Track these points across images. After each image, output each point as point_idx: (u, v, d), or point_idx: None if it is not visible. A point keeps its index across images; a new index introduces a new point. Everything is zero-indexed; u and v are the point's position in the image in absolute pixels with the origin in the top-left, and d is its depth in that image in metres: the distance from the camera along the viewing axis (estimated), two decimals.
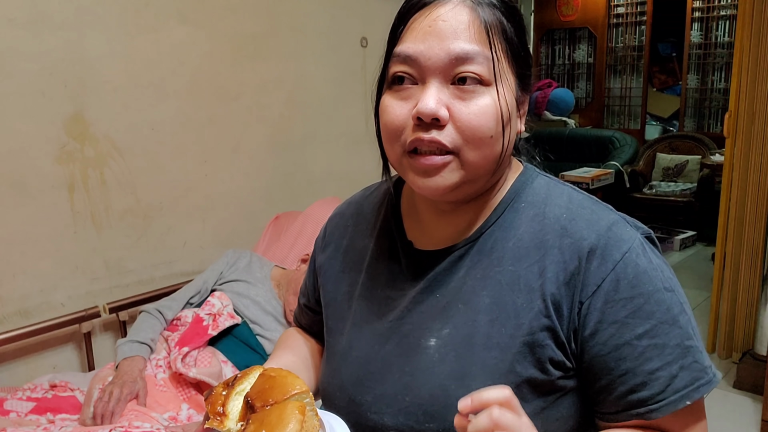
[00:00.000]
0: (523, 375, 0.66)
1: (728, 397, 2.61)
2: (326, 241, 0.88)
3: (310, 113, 2.64)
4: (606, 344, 0.65)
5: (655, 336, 0.64)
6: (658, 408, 0.64)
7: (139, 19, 2.03)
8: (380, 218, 0.82)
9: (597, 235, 0.67)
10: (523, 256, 0.68)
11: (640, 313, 0.64)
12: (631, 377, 0.64)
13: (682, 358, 0.65)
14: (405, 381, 0.70)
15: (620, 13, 5.90)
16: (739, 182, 2.66)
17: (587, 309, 0.65)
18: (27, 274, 1.88)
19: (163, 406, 1.63)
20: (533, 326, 0.66)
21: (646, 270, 0.65)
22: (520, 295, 0.67)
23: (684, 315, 0.66)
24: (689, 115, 5.67)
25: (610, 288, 0.65)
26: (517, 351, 0.66)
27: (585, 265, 0.66)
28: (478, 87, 0.64)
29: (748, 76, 2.56)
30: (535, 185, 0.74)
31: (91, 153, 1.97)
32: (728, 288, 2.77)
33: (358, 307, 0.78)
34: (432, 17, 0.64)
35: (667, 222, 5.09)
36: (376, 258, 0.79)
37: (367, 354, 0.74)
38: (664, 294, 0.65)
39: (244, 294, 1.93)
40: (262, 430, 0.57)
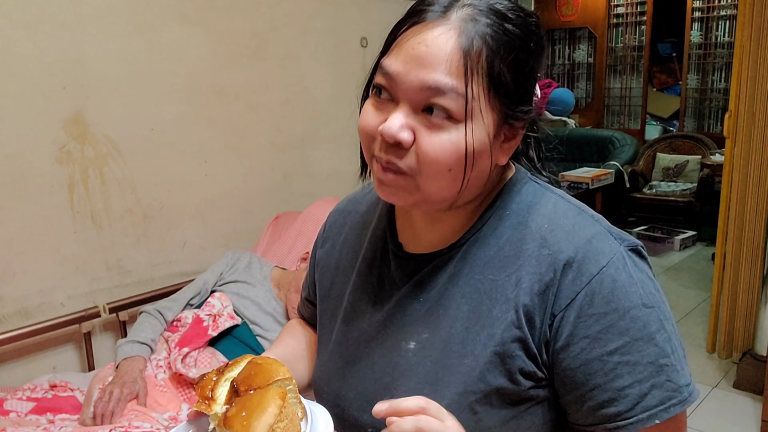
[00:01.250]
0: (493, 384, 0.66)
1: (728, 397, 2.61)
2: (325, 236, 0.90)
3: (310, 113, 2.64)
4: (576, 358, 0.64)
5: (628, 353, 0.63)
6: (625, 425, 0.64)
7: (139, 19, 2.03)
8: (375, 218, 0.83)
9: (575, 247, 0.66)
10: (503, 266, 0.68)
11: (613, 329, 0.64)
12: (600, 393, 0.64)
13: (655, 377, 0.64)
14: (385, 381, 0.71)
15: (620, 13, 5.91)
16: (739, 182, 2.66)
17: (559, 322, 0.65)
18: (27, 274, 1.88)
19: (163, 407, 1.63)
20: (504, 337, 0.66)
21: (623, 285, 0.64)
22: (496, 305, 0.67)
23: (662, 332, 0.65)
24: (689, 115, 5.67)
25: (584, 302, 0.64)
26: (488, 360, 0.66)
27: (560, 278, 0.65)
28: (445, 122, 0.62)
29: (748, 76, 2.56)
30: (523, 192, 0.72)
31: (91, 153, 1.97)
32: (728, 288, 2.77)
33: (348, 305, 0.80)
34: (417, 39, 0.62)
35: (667, 222, 5.09)
36: (369, 258, 0.80)
37: (353, 351, 0.76)
38: (641, 310, 0.64)
39: (243, 295, 1.93)
40: (242, 412, 0.59)
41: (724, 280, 2.79)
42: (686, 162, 5.16)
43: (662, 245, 4.79)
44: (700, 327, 3.27)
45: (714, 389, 2.67)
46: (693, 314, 3.49)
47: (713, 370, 2.84)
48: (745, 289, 2.71)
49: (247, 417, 0.59)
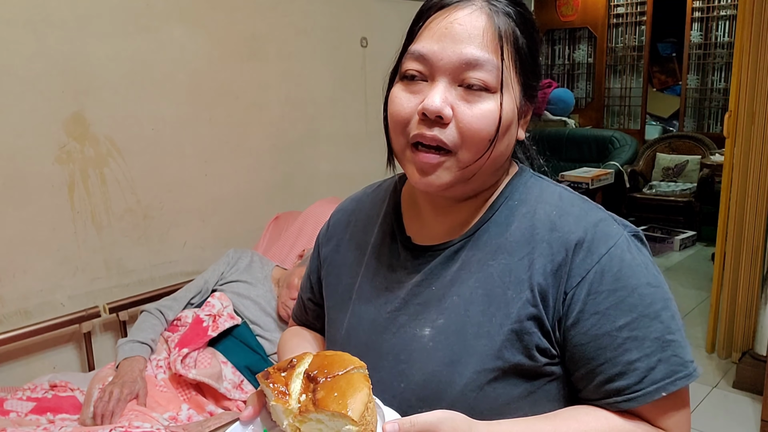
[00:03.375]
0: (511, 361, 0.69)
1: (728, 397, 2.61)
2: (329, 235, 0.91)
3: (310, 113, 2.64)
4: (587, 334, 0.67)
5: (636, 328, 0.67)
6: (635, 398, 0.67)
7: (139, 19, 2.03)
8: (381, 214, 0.85)
9: (584, 229, 0.69)
10: (515, 250, 0.71)
11: (622, 306, 0.67)
12: (610, 367, 0.67)
13: (662, 351, 0.67)
14: (400, 368, 0.73)
15: (620, 13, 5.90)
16: (739, 182, 2.66)
17: (571, 299, 0.68)
18: (27, 274, 1.88)
19: (163, 407, 1.63)
20: (521, 315, 0.69)
21: (630, 265, 0.68)
22: (511, 287, 0.70)
23: (667, 311, 0.68)
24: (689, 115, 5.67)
25: (594, 279, 0.67)
26: (505, 338, 0.69)
27: (571, 257, 0.68)
28: (483, 93, 0.67)
29: (748, 76, 2.56)
30: (528, 185, 0.77)
31: (91, 153, 1.97)
32: (728, 288, 2.77)
33: (358, 299, 0.81)
34: (449, 19, 0.67)
35: (667, 222, 5.09)
36: (377, 252, 0.82)
37: (365, 343, 0.77)
38: (647, 289, 0.68)
39: (244, 294, 1.93)
40: (334, 393, 0.62)
41: (724, 280, 2.79)
42: (686, 162, 5.16)
43: (662, 245, 4.79)
44: (699, 327, 3.27)
45: (714, 389, 2.67)
46: (693, 314, 3.49)
47: (713, 370, 2.84)
48: (745, 289, 2.71)
49: (340, 396, 0.61)
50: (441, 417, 0.62)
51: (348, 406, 0.60)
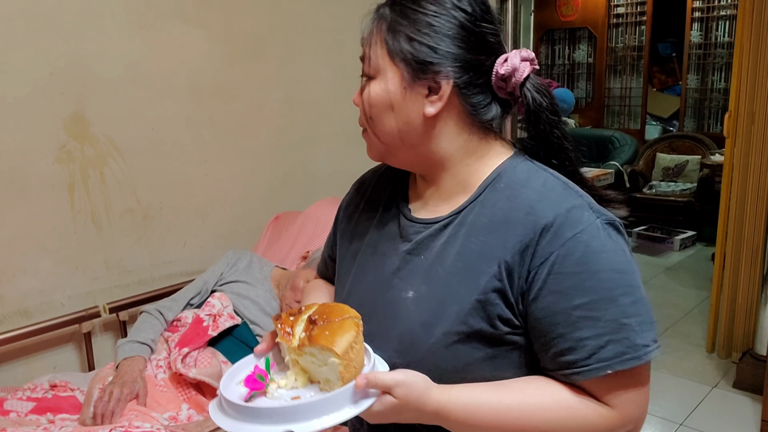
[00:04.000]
0: (474, 327, 0.76)
1: (728, 396, 2.61)
2: (349, 200, 1.02)
3: (310, 113, 2.64)
4: (544, 309, 0.73)
5: (591, 309, 0.72)
6: (581, 372, 0.72)
7: (139, 19, 2.04)
8: (392, 186, 0.95)
9: (555, 214, 0.74)
10: (493, 230, 0.78)
11: (581, 287, 0.72)
12: (562, 341, 0.73)
13: (613, 334, 0.71)
14: (385, 324, 0.82)
15: (620, 13, 5.91)
16: (739, 182, 2.66)
17: (533, 277, 0.74)
18: (27, 274, 1.88)
19: (163, 406, 1.63)
20: (487, 287, 0.76)
21: (595, 251, 0.73)
22: (484, 261, 0.77)
23: (627, 297, 0.72)
24: (689, 115, 5.67)
25: (556, 261, 0.73)
26: (471, 307, 0.76)
27: (538, 239, 0.74)
28: (369, 81, 0.82)
29: (748, 76, 2.56)
30: (517, 169, 0.82)
31: (91, 153, 1.97)
32: (728, 288, 2.77)
33: (360, 262, 0.91)
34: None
35: (667, 222, 5.09)
36: (383, 220, 0.92)
37: (361, 301, 0.86)
38: (610, 274, 0.72)
39: (244, 295, 1.93)
40: (326, 332, 0.73)
41: (724, 280, 2.79)
42: (686, 162, 5.16)
43: (662, 245, 4.79)
44: (699, 327, 3.27)
45: (713, 389, 2.68)
46: (693, 314, 3.49)
47: (713, 369, 2.84)
48: (745, 289, 2.71)
49: (330, 335, 0.72)
50: (398, 380, 0.71)
51: (335, 342, 0.71)
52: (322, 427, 0.68)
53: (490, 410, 0.73)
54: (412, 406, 0.71)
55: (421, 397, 0.71)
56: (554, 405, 0.74)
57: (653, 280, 4.04)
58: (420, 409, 0.72)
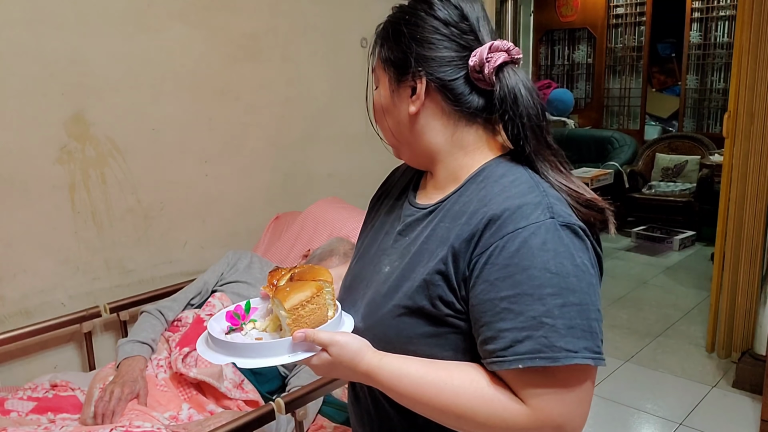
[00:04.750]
0: (418, 303, 0.82)
1: (727, 396, 2.62)
2: (381, 188, 1.11)
3: (310, 113, 2.65)
4: (476, 297, 0.78)
5: (515, 303, 0.74)
6: (497, 362, 0.75)
7: (139, 19, 2.04)
8: (408, 179, 1.03)
9: (503, 208, 0.78)
10: (457, 217, 0.84)
11: (509, 280, 0.74)
12: (486, 330, 0.76)
13: (532, 330, 0.73)
14: (362, 292, 0.93)
15: (620, 14, 5.91)
16: (738, 182, 2.66)
17: (474, 265, 0.78)
18: (28, 274, 1.88)
19: (164, 406, 1.63)
20: (432, 269, 0.81)
21: (531, 248, 0.74)
22: (439, 245, 0.83)
23: (557, 298, 0.73)
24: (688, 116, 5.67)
25: (493, 252, 0.76)
26: (418, 284, 0.82)
27: (482, 230, 0.78)
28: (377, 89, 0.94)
29: (748, 76, 2.57)
30: (500, 167, 0.87)
31: (91, 153, 1.97)
32: (727, 288, 2.78)
33: (366, 241, 1.02)
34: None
35: (666, 222, 5.09)
36: (392, 207, 1.00)
37: (358, 273, 0.98)
38: (542, 272, 0.73)
39: (244, 295, 1.94)
40: (287, 288, 0.84)
41: (724, 280, 2.79)
42: (685, 162, 5.17)
43: (661, 245, 4.80)
44: (699, 327, 3.28)
45: (713, 389, 2.68)
46: (692, 314, 3.49)
47: (712, 369, 2.85)
48: (745, 289, 2.72)
49: (290, 291, 0.83)
50: (334, 340, 0.80)
51: (288, 298, 0.82)
52: (256, 366, 0.81)
53: (411, 382, 0.79)
54: (345, 365, 0.80)
55: (354, 359, 0.80)
56: (469, 391, 0.77)
57: (653, 280, 4.04)
58: (352, 369, 0.81)
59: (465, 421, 0.77)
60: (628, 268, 4.24)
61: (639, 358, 2.99)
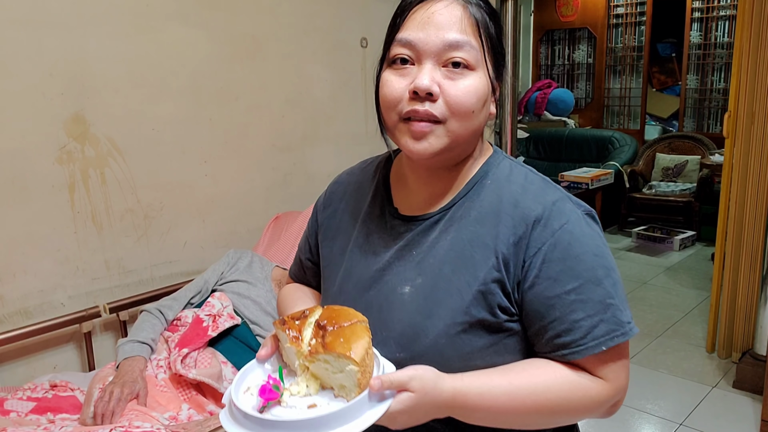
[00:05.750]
0: (477, 316, 0.80)
1: (728, 396, 2.61)
2: (326, 203, 1.03)
3: (310, 113, 2.64)
4: (540, 295, 0.79)
5: (581, 292, 0.78)
6: (579, 351, 0.78)
7: (139, 19, 2.04)
8: (373, 186, 0.97)
9: (543, 207, 0.81)
10: (484, 222, 0.83)
11: (570, 272, 0.78)
12: (558, 324, 0.78)
13: (603, 313, 0.78)
14: (382, 318, 0.85)
15: (620, 14, 5.91)
16: (738, 182, 2.66)
17: (529, 266, 0.80)
18: (27, 274, 1.88)
19: (164, 406, 1.63)
20: (486, 278, 0.80)
21: (579, 238, 0.80)
22: (478, 251, 0.82)
23: (609, 278, 0.79)
24: (689, 116, 5.67)
25: (548, 250, 0.79)
26: (473, 297, 0.80)
27: (531, 230, 0.80)
28: (465, 70, 0.79)
29: (748, 76, 2.56)
30: (500, 166, 0.89)
31: (91, 153, 1.97)
32: (728, 288, 2.77)
33: (349, 260, 0.93)
34: (431, 10, 0.80)
35: (666, 222, 5.09)
36: (368, 219, 0.94)
37: (353, 298, 0.89)
38: (592, 258, 0.79)
39: (244, 294, 1.93)
40: (340, 339, 0.73)
41: (724, 280, 2.79)
42: (686, 162, 5.16)
43: (662, 245, 4.79)
44: (699, 327, 3.28)
45: (713, 389, 2.68)
46: (692, 314, 3.49)
47: (713, 369, 2.84)
48: (745, 289, 2.72)
49: (345, 342, 0.73)
50: (412, 375, 0.72)
51: (352, 349, 0.72)
52: None
53: (502, 392, 0.77)
54: (429, 397, 0.73)
55: (436, 386, 0.73)
56: (558, 381, 0.79)
57: (653, 280, 4.04)
58: (436, 398, 0.73)
59: (559, 414, 0.80)
60: (628, 268, 4.24)
61: (639, 359, 2.99)
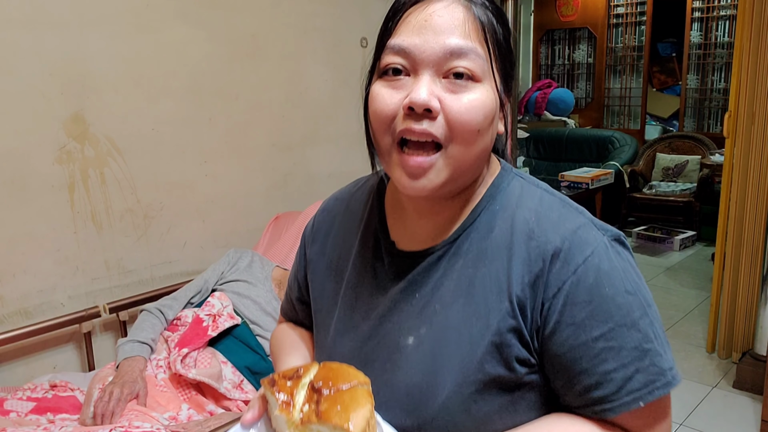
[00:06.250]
0: (492, 373, 0.68)
1: (728, 397, 2.61)
2: (314, 236, 0.90)
3: (310, 113, 2.64)
4: (563, 344, 0.67)
5: (612, 338, 0.66)
6: (612, 408, 0.66)
7: (139, 19, 2.04)
8: (365, 215, 0.84)
9: (561, 238, 0.68)
10: (494, 258, 0.70)
11: (597, 316, 0.66)
12: (587, 377, 0.66)
13: (639, 361, 0.66)
14: (385, 378, 0.73)
15: (620, 14, 5.91)
16: (739, 182, 2.66)
17: (548, 309, 0.67)
18: (27, 274, 1.88)
19: (164, 406, 1.63)
20: (500, 327, 0.68)
21: (607, 273, 0.67)
22: (490, 296, 0.69)
23: (645, 318, 0.67)
24: (689, 115, 5.67)
25: (570, 290, 0.66)
26: (486, 350, 0.68)
27: (548, 267, 0.67)
28: (469, 82, 0.66)
29: (748, 76, 2.56)
30: (510, 187, 0.75)
31: (91, 153, 1.97)
32: (728, 288, 2.77)
33: (343, 305, 0.81)
34: (428, 12, 0.67)
35: (667, 222, 5.09)
36: (361, 256, 0.81)
37: (350, 351, 0.77)
38: (624, 297, 0.66)
39: (244, 294, 1.93)
40: (337, 406, 0.63)
41: (724, 280, 2.79)
42: (686, 162, 5.16)
43: (662, 245, 4.79)
44: (699, 327, 3.27)
45: (714, 389, 2.68)
46: (693, 314, 3.49)
47: (713, 370, 2.84)
48: (745, 289, 2.71)
49: (343, 410, 0.62)
50: None
51: (350, 420, 0.62)
52: None
53: None
54: None
55: None
56: None
57: (653, 280, 4.04)
58: None
59: None
60: None
61: None
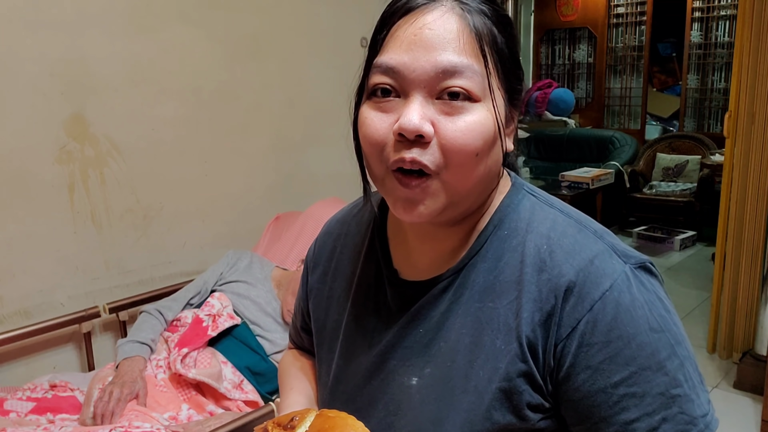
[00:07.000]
0: (500, 422, 0.62)
1: (728, 397, 2.61)
2: (315, 261, 0.85)
3: (310, 113, 2.64)
4: (578, 390, 0.60)
5: (634, 384, 0.59)
6: None
7: (139, 19, 2.04)
8: (366, 241, 0.78)
9: (576, 270, 0.61)
10: (503, 293, 0.64)
11: (617, 359, 0.59)
12: (606, 426, 0.59)
13: (666, 409, 0.59)
14: (388, 420, 0.68)
15: (620, 13, 5.90)
16: (739, 182, 2.66)
17: (561, 351, 0.60)
18: (27, 274, 1.88)
19: (163, 407, 1.63)
20: (510, 372, 0.62)
21: (628, 309, 0.59)
22: (498, 336, 0.63)
23: (673, 359, 0.60)
24: (689, 115, 5.66)
25: (585, 330, 0.59)
26: (493, 397, 0.62)
27: (561, 305, 0.61)
28: (465, 103, 0.59)
29: (748, 76, 2.56)
30: (520, 209, 0.68)
31: (91, 153, 1.97)
32: (728, 288, 2.77)
33: (345, 338, 0.76)
34: (417, 25, 0.59)
35: (667, 222, 5.09)
36: (363, 286, 0.76)
37: (353, 389, 0.73)
38: (649, 336, 0.59)
39: (244, 295, 1.93)
40: None
41: (724, 280, 2.79)
42: (686, 162, 5.16)
43: (662, 245, 4.79)
44: (700, 327, 3.27)
45: (714, 389, 2.67)
46: (693, 314, 3.49)
47: (713, 370, 2.84)
48: (745, 289, 2.71)
49: None
50: None
51: None
52: None
53: None
54: None
55: None
56: None
57: None
58: None
59: None
60: None
61: None
